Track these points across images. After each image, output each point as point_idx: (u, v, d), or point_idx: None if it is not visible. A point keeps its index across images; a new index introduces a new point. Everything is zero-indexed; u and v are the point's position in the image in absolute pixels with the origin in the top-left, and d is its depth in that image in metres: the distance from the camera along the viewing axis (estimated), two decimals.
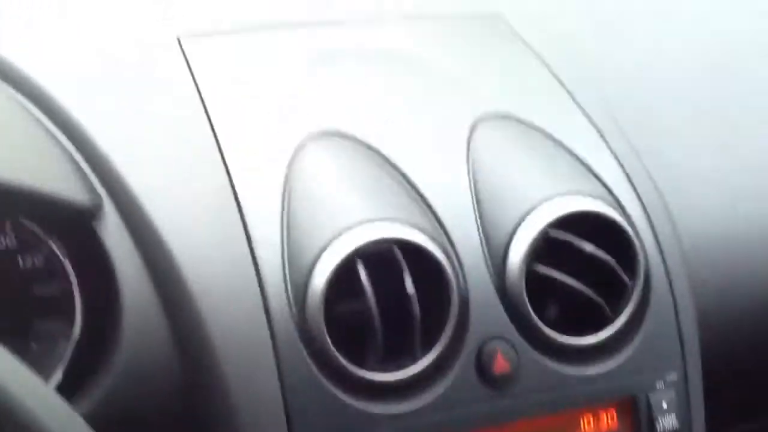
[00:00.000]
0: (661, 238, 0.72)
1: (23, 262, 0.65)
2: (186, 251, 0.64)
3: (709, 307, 0.73)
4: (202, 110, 0.71)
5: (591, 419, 0.67)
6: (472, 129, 0.74)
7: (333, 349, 0.61)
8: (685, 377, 0.68)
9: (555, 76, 0.81)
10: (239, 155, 0.69)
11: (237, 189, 0.67)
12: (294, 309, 0.62)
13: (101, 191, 0.65)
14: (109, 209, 0.64)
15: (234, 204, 0.66)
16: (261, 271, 0.63)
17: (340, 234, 0.63)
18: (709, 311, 0.73)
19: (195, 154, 0.69)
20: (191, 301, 0.62)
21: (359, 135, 0.71)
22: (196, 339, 0.62)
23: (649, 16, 0.92)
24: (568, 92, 0.80)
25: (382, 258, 0.63)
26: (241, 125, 0.71)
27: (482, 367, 0.64)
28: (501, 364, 0.64)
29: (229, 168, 0.68)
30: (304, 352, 0.61)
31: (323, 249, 0.62)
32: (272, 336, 0.62)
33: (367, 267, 0.62)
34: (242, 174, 0.67)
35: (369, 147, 0.71)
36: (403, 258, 0.63)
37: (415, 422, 0.62)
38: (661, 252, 0.71)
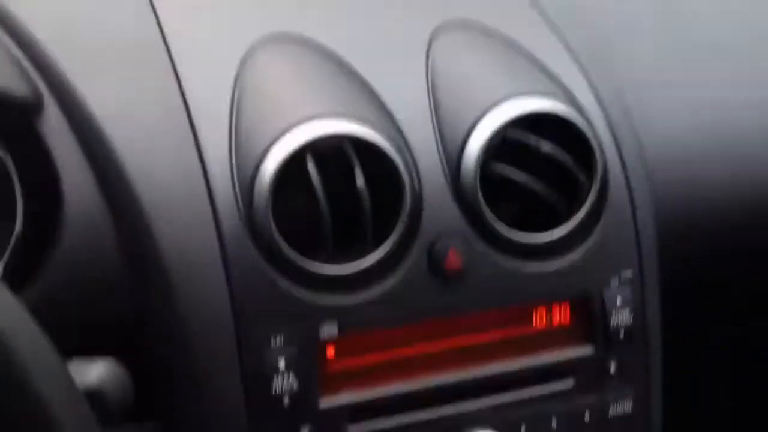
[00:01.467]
0: (619, 137, 0.71)
1: None
2: (130, 148, 0.62)
3: (668, 209, 0.72)
4: (151, 12, 0.69)
5: (543, 315, 0.66)
6: (433, 35, 0.72)
7: (281, 240, 0.60)
8: (641, 275, 0.68)
9: None
10: (189, 55, 0.67)
11: (185, 88, 0.65)
12: (241, 204, 0.61)
13: (43, 88, 0.63)
14: (50, 106, 0.63)
15: (181, 103, 0.64)
16: (208, 168, 0.62)
17: (289, 129, 0.61)
18: (668, 212, 0.72)
19: (142, 55, 0.67)
20: (135, 198, 0.61)
21: (315, 38, 0.69)
22: (141, 236, 0.61)
23: None
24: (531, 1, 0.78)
25: (334, 155, 0.61)
26: (191, 26, 0.69)
27: (434, 262, 0.63)
28: (453, 260, 0.63)
29: (177, 68, 0.66)
30: (252, 246, 0.60)
31: (272, 144, 0.61)
32: (218, 230, 0.60)
33: (318, 164, 0.60)
34: (191, 73, 0.66)
35: (325, 50, 0.69)
36: (356, 154, 0.61)
37: (364, 314, 0.62)
38: (620, 152, 0.70)
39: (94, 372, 0.49)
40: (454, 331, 0.65)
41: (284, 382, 0.61)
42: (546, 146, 0.65)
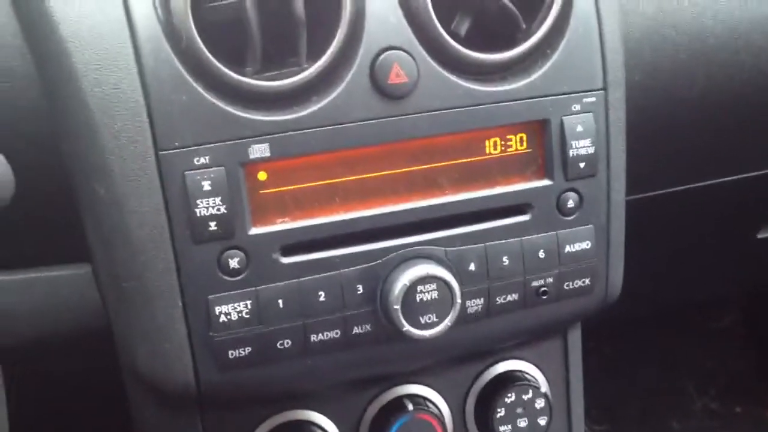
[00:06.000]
0: None
1: None
2: None
3: (636, 32, 0.66)
4: None
5: (498, 142, 0.61)
6: None
7: (202, 46, 0.53)
8: (606, 99, 0.62)
9: None
10: None
11: None
12: (159, 9, 0.54)
13: None
14: None
15: None
16: None
17: None
18: (637, 36, 0.66)
19: None
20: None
21: None
22: (47, 34, 0.55)
23: None
24: None
25: None
26: None
27: (377, 77, 0.57)
28: (397, 75, 0.57)
29: None
30: (172, 54, 0.54)
31: None
32: (133, 34, 0.54)
33: None
34: None
35: None
36: None
37: (299, 134, 0.56)
38: None
39: None
40: (399, 158, 0.59)
41: (210, 206, 0.55)
42: None
